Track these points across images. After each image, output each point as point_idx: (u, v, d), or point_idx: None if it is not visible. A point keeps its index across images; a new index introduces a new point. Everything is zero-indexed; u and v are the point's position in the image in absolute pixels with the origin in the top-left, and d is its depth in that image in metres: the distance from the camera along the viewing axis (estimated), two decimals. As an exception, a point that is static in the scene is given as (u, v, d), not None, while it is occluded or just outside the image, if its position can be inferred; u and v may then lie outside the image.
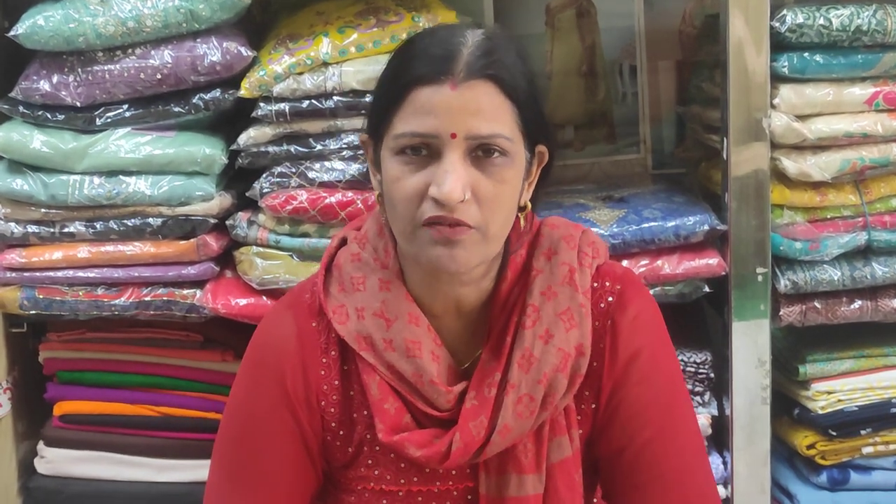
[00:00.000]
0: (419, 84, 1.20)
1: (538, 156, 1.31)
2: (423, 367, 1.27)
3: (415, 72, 1.21)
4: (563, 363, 1.27)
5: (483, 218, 1.21)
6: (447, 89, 1.19)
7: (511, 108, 1.22)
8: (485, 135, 1.19)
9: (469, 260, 1.22)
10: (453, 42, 1.22)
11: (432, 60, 1.20)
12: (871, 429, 2.06)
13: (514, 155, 1.23)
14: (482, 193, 1.20)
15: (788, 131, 1.93)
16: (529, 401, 1.26)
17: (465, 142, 1.19)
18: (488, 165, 1.21)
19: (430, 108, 1.19)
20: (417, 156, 1.21)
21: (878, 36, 1.91)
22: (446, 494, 1.34)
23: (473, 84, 1.19)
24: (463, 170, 1.19)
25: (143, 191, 1.92)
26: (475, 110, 1.19)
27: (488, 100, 1.20)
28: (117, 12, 1.88)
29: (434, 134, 1.19)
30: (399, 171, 1.22)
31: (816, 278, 1.99)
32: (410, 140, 1.21)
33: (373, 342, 1.29)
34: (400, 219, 1.24)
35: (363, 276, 1.32)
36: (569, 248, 1.34)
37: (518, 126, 1.23)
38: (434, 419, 1.29)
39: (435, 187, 1.18)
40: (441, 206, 1.18)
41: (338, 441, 1.35)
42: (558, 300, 1.30)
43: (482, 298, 1.33)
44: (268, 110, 1.91)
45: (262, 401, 1.33)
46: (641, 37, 2.40)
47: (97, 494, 2.08)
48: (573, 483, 1.33)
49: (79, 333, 2.07)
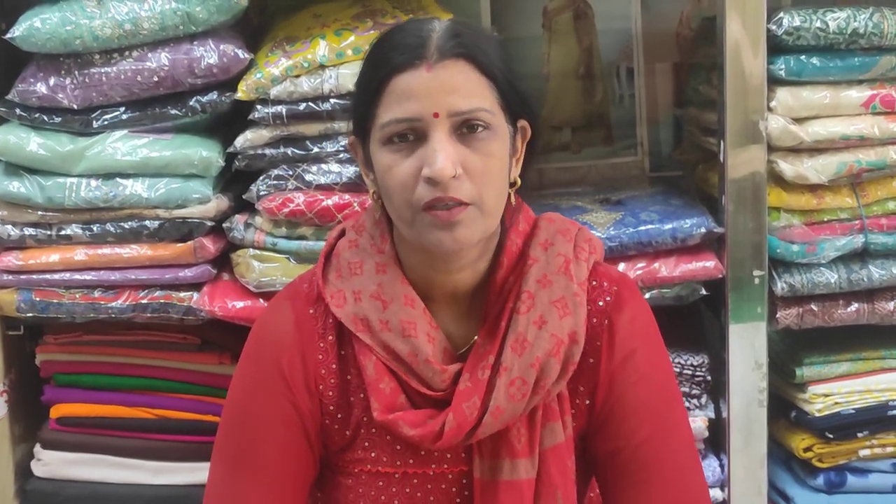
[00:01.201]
0: (396, 72, 1.24)
1: (521, 131, 1.34)
2: (419, 347, 1.29)
3: (390, 62, 1.25)
4: (555, 348, 1.29)
5: (477, 192, 1.24)
6: (423, 72, 1.23)
7: (487, 82, 1.26)
8: (465, 110, 1.23)
9: (471, 236, 1.25)
10: (423, 29, 1.26)
11: (405, 48, 1.24)
12: (867, 431, 2.06)
13: (496, 128, 1.26)
14: (472, 168, 1.24)
15: (785, 134, 1.93)
16: (522, 384, 1.28)
17: (448, 120, 1.23)
18: (474, 140, 1.24)
19: (409, 93, 1.23)
20: (405, 142, 1.25)
21: (875, 39, 1.92)
22: (441, 477, 1.36)
23: (447, 63, 1.23)
24: (451, 147, 1.23)
25: (140, 193, 1.93)
26: (452, 88, 1.23)
27: (463, 77, 1.24)
28: (114, 15, 1.88)
29: (417, 117, 1.23)
30: (390, 159, 1.25)
31: (813, 281, 1.99)
32: (396, 127, 1.24)
33: (369, 323, 1.31)
34: (398, 206, 1.26)
35: (360, 260, 1.35)
36: (565, 241, 1.37)
37: (497, 100, 1.27)
38: (428, 399, 1.31)
39: (427, 167, 1.22)
40: (435, 186, 1.21)
41: (336, 424, 1.37)
42: (553, 288, 1.32)
43: (477, 283, 1.35)
44: (265, 113, 1.92)
45: (261, 391, 1.35)
46: (638, 39, 2.40)
47: (94, 497, 2.08)
48: (566, 469, 1.35)
49: (75, 336, 2.07)
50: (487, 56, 1.26)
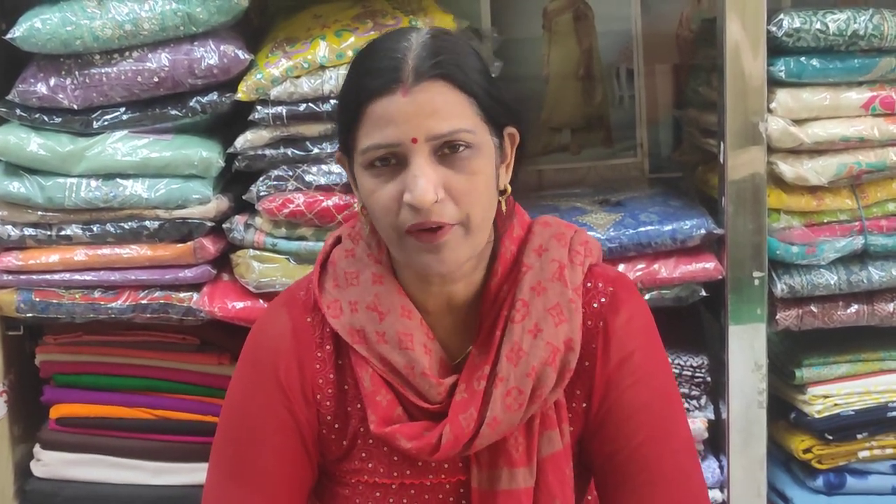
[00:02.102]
0: (372, 98, 1.21)
1: (509, 138, 1.32)
2: (415, 360, 1.28)
3: (366, 87, 1.22)
4: (551, 357, 1.28)
5: (462, 213, 1.22)
6: (399, 97, 1.20)
7: (467, 100, 1.23)
8: (445, 132, 1.20)
9: (457, 258, 1.24)
10: (398, 49, 1.23)
11: (380, 73, 1.22)
12: (867, 433, 2.07)
13: (479, 145, 1.24)
14: (456, 189, 1.21)
15: (785, 135, 1.93)
16: (518, 394, 1.27)
17: (427, 144, 1.20)
18: (456, 160, 1.22)
19: (387, 119, 1.20)
20: (387, 166, 1.22)
21: (875, 40, 1.92)
22: (438, 487, 1.35)
23: (424, 86, 1.20)
24: (432, 171, 1.20)
25: (140, 194, 1.93)
26: (431, 111, 1.20)
27: (442, 98, 1.21)
28: (114, 15, 1.88)
29: (396, 142, 1.20)
30: (372, 184, 1.24)
31: (813, 282, 1.99)
32: (376, 152, 1.22)
33: (365, 335, 1.30)
34: (383, 229, 1.26)
35: (357, 270, 1.34)
36: (559, 246, 1.35)
37: (478, 115, 1.24)
38: (425, 412, 1.30)
39: (408, 193, 1.20)
40: (417, 212, 1.20)
41: (333, 434, 1.36)
42: (548, 295, 1.31)
43: (473, 293, 1.34)
44: (265, 113, 1.92)
45: (258, 397, 1.35)
46: (638, 40, 2.40)
47: (93, 497, 2.08)
48: (564, 477, 1.34)
49: (75, 336, 2.07)
50: (465, 73, 1.23)
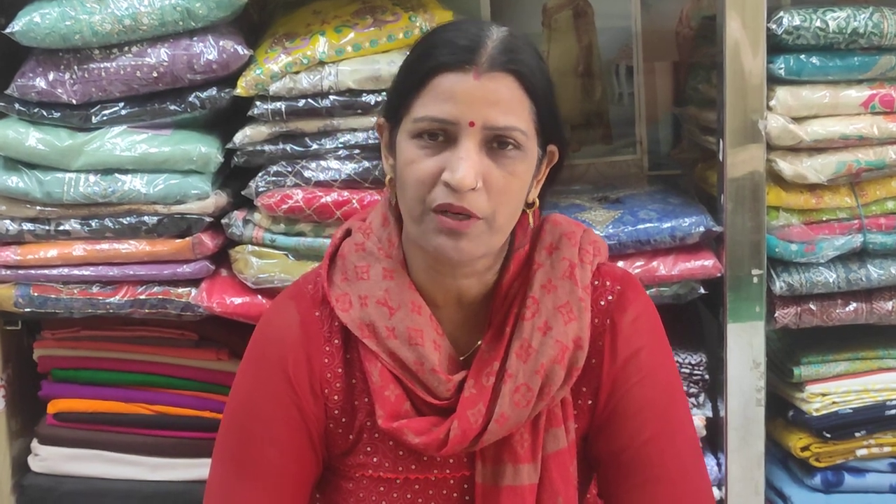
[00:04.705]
0: (443, 70, 1.22)
1: (549, 154, 1.33)
2: (425, 356, 1.29)
3: (439, 58, 1.23)
4: (560, 355, 1.29)
5: (492, 208, 1.23)
6: (470, 78, 1.21)
7: (529, 103, 1.25)
8: (502, 126, 1.22)
9: (474, 250, 1.25)
10: (478, 34, 1.24)
11: (457, 49, 1.23)
12: (865, 431, 2.07)
13: (527, 149, 1.25)
14: (493, 184, 1.23)
15: (784, 133, 1.93)
16: (527, 390, 1.28)
17: (481, 131, 1.22)
18: (501, 157, 1.23)
19: (451, 95, 1.22)
20: (434, 141, 1.24)
21: (875, 38, 1.92)
22: (443, 482, 1.35)
23: (495, 76, 1.22)
24: (477, 158, 1.22)
25: (139, 189, 1.92)
26: (495, 101, 1.21)
27: (508, 93, 1.23)
28: (114, 10, 1.87)
29: (453, 120, 1.22)
30: (414, 153, 1.24)
31: (812, 280, 1.99)
32: (429, 125, 1.23)
33: (375, 330, 1.31)
34: (410, 201, 1.26)
35: (367, 265, 1.34)
36: (570, 245, 1.36)
37: (534, 122, 1.26)
38: (433, 407, 1.31)
39: (448, 173, 1.21)
40: (452, 193, 1.21)
41: (339, 428, 1.36)
42: (558, 294, 1.32)
43: (484, 291, 1.35)
44: (264, 109, 1.91)
45: (265, 391, 1.35)
46: (638, 38, 2.40)
47: (91, 492, 2.08)
48: (568, 474, 1.35)
49: (73, 331, 2.07)
50: (535, 77, 1.25)
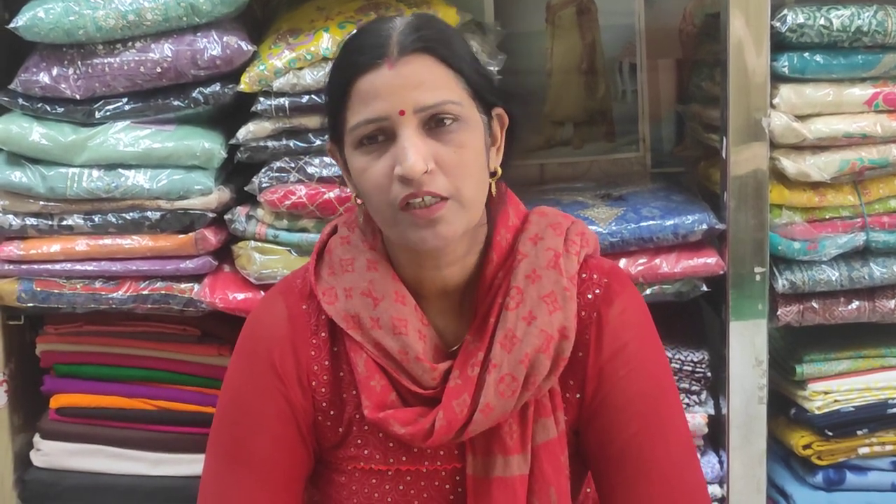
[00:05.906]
0: (359, 73, 1.23)
1: (497, 118, 1.33)
2: (409, 345, 1.29)
3: (353, 64, 1.24)
4: (545, 344, 1.29)
5: (454, 185, 1.23)
6: (385, 70, 1.22)
7: (453, 74, 1.25)
8: (431, 104, 1.22)
9: (453, 232, 1.24)
10: (383, 28, 1.25)
11: (367, 49, 1.24)
12: (867, 429, 2.07)
13: (467, 119, 1.25)
14: (445, 161, 1.23)
15: (788, 131, 1.93)
16: (511, 380, 1.28)
17: (415, 116, 1.22)
18: (444, 134, 1.23)
19: (374, 93, 1.22)
20: (376, 143, 1.24)
21: (879, 37, 1.91)
22: (434, 474, 1.36)
23: (409, 59, 1.22)
24: (421, 142, 1.22)
25: (142, 184, 1.92)
26: (417, 83, 1.22)
27: (427, 71, 1.23)
28: (117, 5, 1.88)
29: (384, 116, 1.22)
30: (363, 161, 1.25)
31: (814, 278, 1.99)
32: (365, 128, 1.23)
33: (360, 320, 1.31)
34: (378, 207, 1.26)
35: (352, 257, 1.35)
36: (555, 235, 1.35)
37: (465, 90, 1.26)
38: (419, 397, 1.31)
39: (398, 166, 1.21)
40: (409, 183, 1.21)
41: (328, 421, 1.37)
42: (542, 283, 1.31)
43: (466, 278, 1.35)
44: (267, 105, 1.92)
45: (254, 384, 1.35)
46: (642, 35, 2.40)
47: (93, 487, 2.08)
48: (559, 464, 1.34)
49: (76, 326, 2.08)
50: (451, 47, 1.25)
